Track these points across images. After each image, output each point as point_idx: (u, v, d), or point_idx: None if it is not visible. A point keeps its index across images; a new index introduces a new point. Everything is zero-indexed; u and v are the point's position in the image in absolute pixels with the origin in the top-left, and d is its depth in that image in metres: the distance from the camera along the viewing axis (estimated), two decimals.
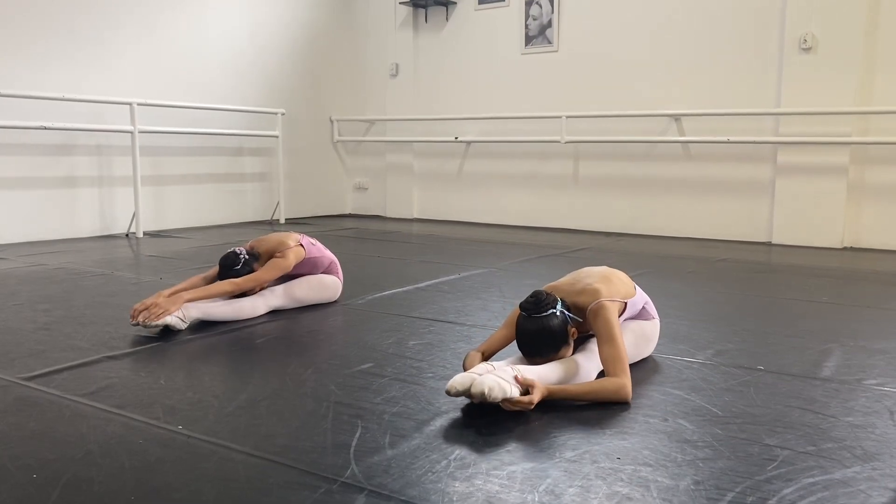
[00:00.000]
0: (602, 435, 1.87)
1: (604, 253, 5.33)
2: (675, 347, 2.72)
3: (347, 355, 2.60)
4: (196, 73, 6.81)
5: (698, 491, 1.56)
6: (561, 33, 6.97)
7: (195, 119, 6.77)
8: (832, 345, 2.78)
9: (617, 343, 2.15)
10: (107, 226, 6.27)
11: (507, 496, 1.53)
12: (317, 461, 1.70)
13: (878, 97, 5.59)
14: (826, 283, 4.19)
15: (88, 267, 4.50)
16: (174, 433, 1.87)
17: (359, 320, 3.16)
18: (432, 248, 5.55)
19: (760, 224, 6.14)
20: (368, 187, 8.49)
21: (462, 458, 1.72)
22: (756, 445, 1.80)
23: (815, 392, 2.22)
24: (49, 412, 2.02)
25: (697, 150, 6.39)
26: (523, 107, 7.22)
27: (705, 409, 2.07)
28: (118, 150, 6.26)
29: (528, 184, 7.32)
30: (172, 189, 6.77)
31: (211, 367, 2.47)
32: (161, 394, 2.17)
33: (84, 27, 5.95)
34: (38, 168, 5.79)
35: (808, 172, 5.83)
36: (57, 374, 2.35)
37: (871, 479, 1.63)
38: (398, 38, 7.96)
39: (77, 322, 3.07)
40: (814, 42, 5.67)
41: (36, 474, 1.63)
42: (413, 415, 2.00)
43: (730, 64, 6.13)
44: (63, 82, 5.81)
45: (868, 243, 5.75)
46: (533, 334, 2.15)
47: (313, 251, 3.36)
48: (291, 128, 7.72)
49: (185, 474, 1.63)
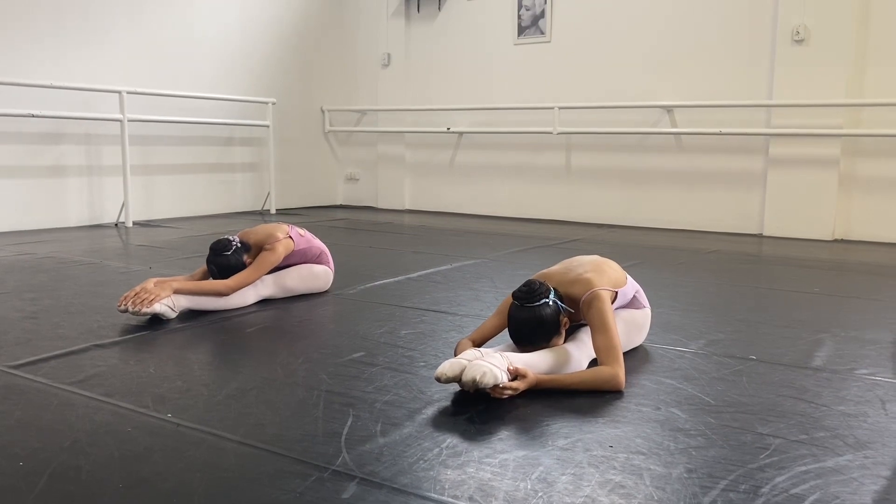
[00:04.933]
0: (594, 423, 1.86)
1: (596, 244, 5.33)
2: (667, 337, 2.72)
3: (338, 344, 2.58)
4: (186, 61, 6.75)
5: (691, 479, 1.56)
6: (554, 24, 6.94)
7: (185, 108, 6.71)
8: (823, 335, 2.78)
9: (610, 332, 2.14)
10: (95, 215, 6.22)
11: (500, 483, 1.52)
12: (308, 449, 1.68)
13: (870, 90, 5.60)
14: (817, 274, 4.20)
15: (77, 256, 4.46)
16: (163, 421, 1.85)
17: (350, 310, 3.15)
18: (424, 239, 5.53)
19: (752, 216, 6.15)
20: (360, 178, 8.46)
21: (454, 446, 1.71)
22: (749, 434, 1.80)
23: (806, 381, 2.22)
24: (36, 400, 1.99)
25: (689, 142, 6.39)
26: (516, 97, 7.19)
27: (698, 398, 2.07)
28: (107, 139, 6.20)
29: (520, 175, 7.31)
30: (162, 178, 6.72)
31: (200, 356, 2.45)
32: (150, 382, 2.15)
33: (73, 14, 5.88)
34: (25, 156, 5.73)
35: (800, 164, 5.84)
36: (44, 363, 2.33)
37: (864, 466, 1.63)
38: (390, 28, 7.91)
39: (65, 311, 3.04)
40: (806, 34, 5.66)
41: (22, 462, 1.61)
42: (405, 403, 1.99)
43: (722, 55, 6.13)
44: (51, 70, 5.75)
45: (858, 235, 5.77)
46: (525, 323, 2.14)
47: (301, 242, 3.34)
48: (282, 117, 7.67)
49: (174, 463, 1.61)
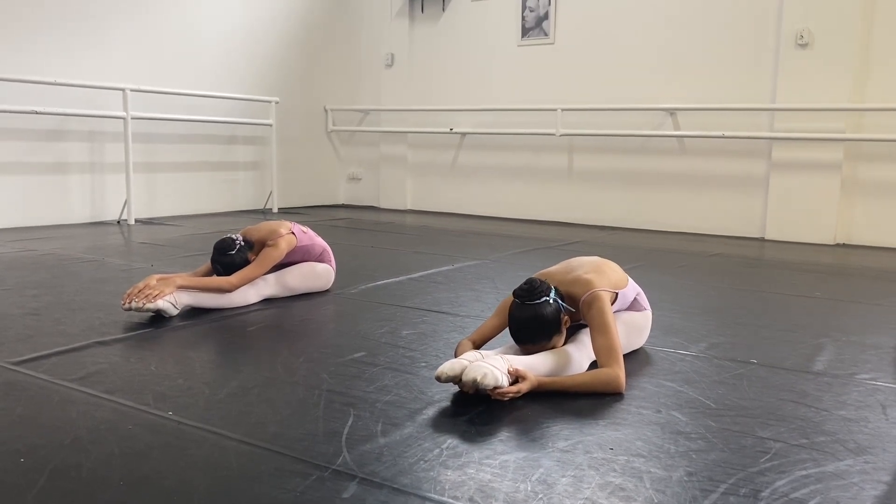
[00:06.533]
0: (595, 426, 1.86)
1: (597, 246, 5.33)
2: (668, 340, 2.72)
3: (340, 344, 2.58)
4: (190, 59, 6.76)
5: (691, 482, 1.56)
6: (558, 25, 6.94)
7: (188, 106, 6.72)
8: (825, 339, 2.78)
9: (611, 333, 2.14)
10: (98, 212, 6.23)
11: (500, 485, 1.52)
12: (308, 448, 1.68)
13: (873, 94, 5.60)
14: (819, 278, 4.20)
15: (79, 253, 4.46)
16: (164, 419, 1.85)
17: (351, 310, 3.15)
18: (426, 239, 5.53)
19: (754, 219, 6.14)
20: (362, 178, 8.46)
21: (454, 446, 1.71)
22: (749, 438, 1.80)
23: (807, 386, 2.22)
24: (37, 397, 2.00)
25: (692, 145, 6.38)
26: (519, 99, 7.19)
27: (698, 401, 2.07)
28: (110, 137, 6.21)
29: (522, 176, 7.31)
30: (165, 176, 6.73)
31: (202, 354, 2.45)
32: (151, 380, 2.15)
33: (77, 11, 5.88)
34: (28, 153, 5.74)
35: (802, 168, 5.83)
36: (45, 359, 2.33)
37: (864, 471, 1.63)
38: (394, 28, 7.92)
39: (67, 308, 3.04)
40: (810, 38, 5.66)
41: (23, 459, 1.61)
42: (405, 403, 1.99)
43: (726, 59, 6.13)
44: (55, 67, 5.75)
45: (860, 240, 5.76)
46: (526, 322, 2.13)
47: (304, 239, 3.34)
48: (285, 116, 7.68)
49: (174, 461, 1.62)
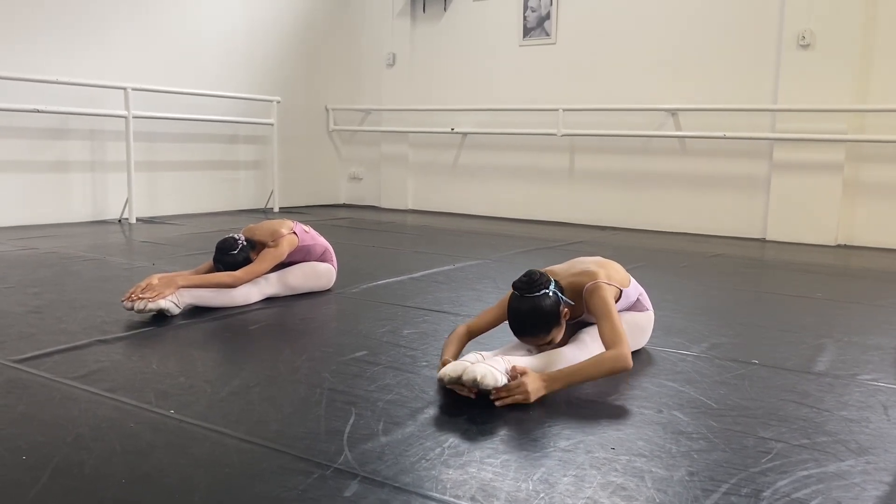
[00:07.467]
0: (596, 425, 1.86)
1: (599, 246, 5.33)
2: (669, 340, 2.72)
3: (341, 343, 2.58)
4: (191, 59, 6.76)
5: (693, 482, 1.56)
6: (559, 26, 6.94)
7: (190, 105, 6.72)
8: (826, 340, 2.78)
9: (613, 318, 2.14)
10: (99, 211, 6.23)
11: (501, 484, 1.52)
12: (310, 447, 1.68)
13: (875, 95, 5.59)
14: (820, 279, 4.20)
15: (80, 252, 4.47)
16: (166, 417, 1.85)
17: (353, 309, 3.15)
18: (427, 239, 5.53)
19: (755, 220, 6.14)
20: (363, 177, 8.46)
21: (456, 445, 1.71)
22: (751, 438, 1.80)
23: (809, 386, 2.22)
24: (39, 395, 2.00)
25: (693, 146, 6.38)
26: (520, 99, 7.19)
27: (700, 401, 2.07)
28: (112, 135, 6.21)
29: (523, 176, 7.31)
30: (166, 175, 6.73)
31: (203, 352, 2.45)
32: (153, 378, 2.15)
33: (79, 10, 5.89)
34: (30, 152, 5.74)
35: (804, 169, 5.83)
36: (48, 357, 2.33)
37: (866, 472, 1.63)
38: (395, 28, 7.92)
39: (68, 306, 3.05)
40: (812, 39, 5.66)
41: (25, 457, 1.61)
42: (407, 402, 1.99)
43: (727, 59, 6.12)
44: (57, 65, 5.76)
45: (862, 241, 5.76)
46: (525, 314, 2.11)
47: (306, 238, 3.34)
48: (286, 116, 7.68)
49: (176, 459, 1.62)
